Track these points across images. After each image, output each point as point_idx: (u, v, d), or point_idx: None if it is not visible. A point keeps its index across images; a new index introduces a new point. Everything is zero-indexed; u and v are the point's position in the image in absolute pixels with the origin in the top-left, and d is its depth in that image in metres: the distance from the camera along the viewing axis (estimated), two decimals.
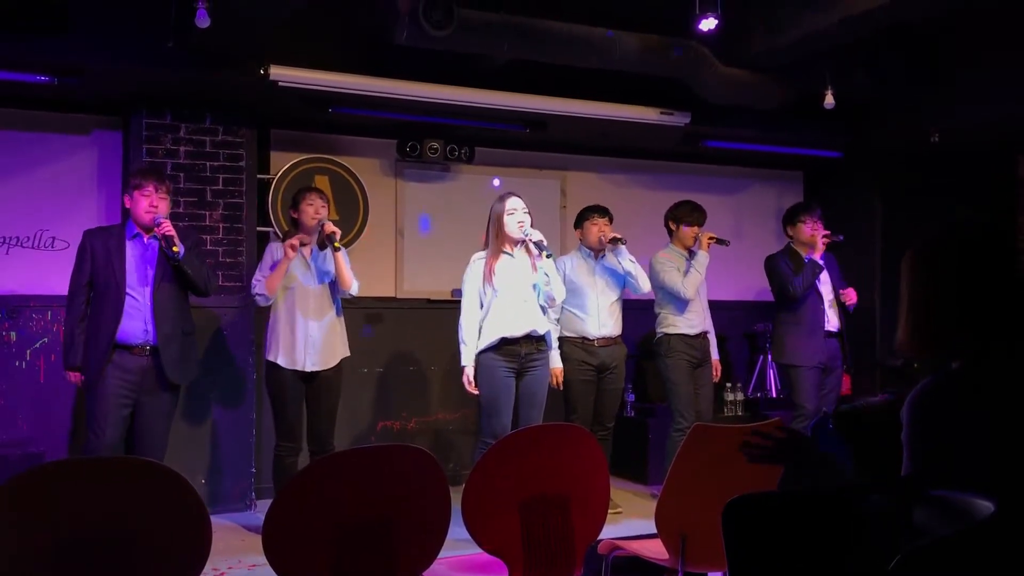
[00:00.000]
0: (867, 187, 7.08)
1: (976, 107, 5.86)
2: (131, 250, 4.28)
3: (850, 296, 5.44)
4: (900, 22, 5.05)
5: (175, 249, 4.20)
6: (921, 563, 1.46)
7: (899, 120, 6.31)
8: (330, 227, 4.62)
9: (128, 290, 4.22)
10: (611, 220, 5.31)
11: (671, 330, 5.36)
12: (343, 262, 4.65)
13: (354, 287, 4.70)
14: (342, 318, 4.82)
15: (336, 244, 4.58)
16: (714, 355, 5.54)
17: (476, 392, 4.59)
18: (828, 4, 4.78)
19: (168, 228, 4.21)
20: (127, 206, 4.34)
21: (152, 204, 4.24)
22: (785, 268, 5.41)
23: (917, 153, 6.69)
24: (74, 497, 2.22)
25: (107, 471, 2.37)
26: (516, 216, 4.58)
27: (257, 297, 4.69)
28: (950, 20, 5.35)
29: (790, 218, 5.61)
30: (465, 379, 4.59)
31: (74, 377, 4.30)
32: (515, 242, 4.61)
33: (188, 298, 4.44)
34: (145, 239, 4.30)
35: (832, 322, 5.43)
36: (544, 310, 4.70)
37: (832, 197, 6.55)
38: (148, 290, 4.25)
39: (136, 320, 4.21)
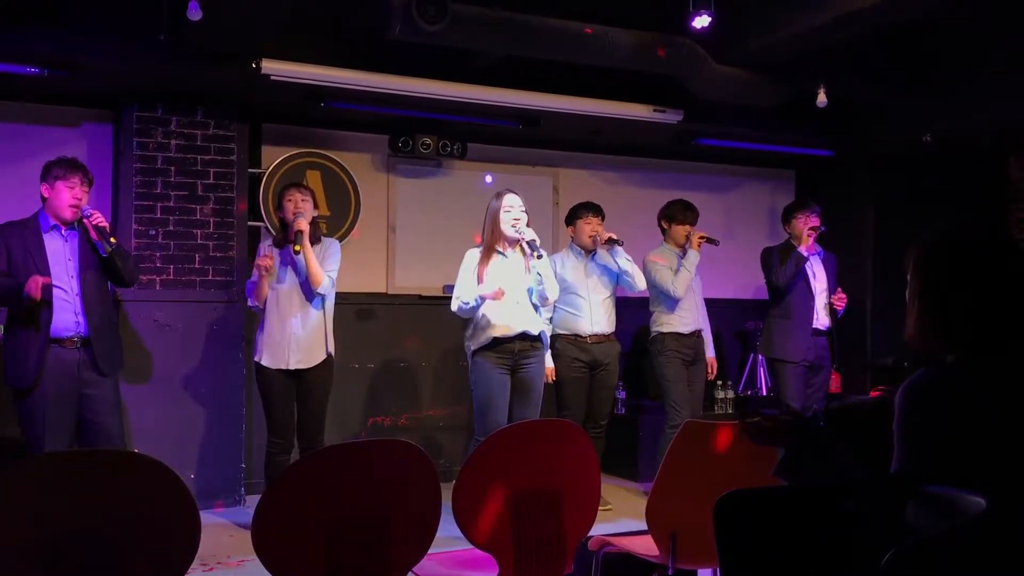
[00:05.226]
0: (859, 186, 7.09)
1: (968, 109, 5.87)
2: (50, 243, 4.15)
3: (840, 301, 5.48)
4: (893, 23, 5.06)
5: (113, 240, 4.13)
6: (914, 559, 1.46)
7: (892, 120, 6.32)
8: (300, 224, 4.53)
9: (55, 283, 4.10)
10: (603, 219, 5.31)
11: (665, 328, 5.38)
12: (312, 258, 4.54)
13: (324, 285, 4.59)
14: (327, 315, 4.73)
15: (296, 248, 4.48)
16: (709, 353, 5.56)
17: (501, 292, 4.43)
18: (821, 3, 4.78)
19: (101, 219, 4.13)
20: (45, 195, 4.17)
21: (76, 196, 4.14)
22: (774, 259, 5.49)
23: (909, 153, 6.71)
24: (61, 491, 2.20)
25: (96, 465, 2.35)
26: (512, 213, 4.56)
27: (250, 306, 4.76)
28: (943, 22, 5.37)
29: (786, 215, 5.68)
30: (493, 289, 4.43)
31: (35, 284, 3.96)
32: (509, 240, 4.59)
33: (109, 289, 4.39)
34: (63, 231, 4.19)
35: (822, 320, 5.47)
36: (538, 310, 4.68)
37: (824, 196, 6.56)
38: (75, 282, 4.15)
39: (67, 313, 4.12)
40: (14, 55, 4.58)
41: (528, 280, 4.58)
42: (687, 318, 5.40)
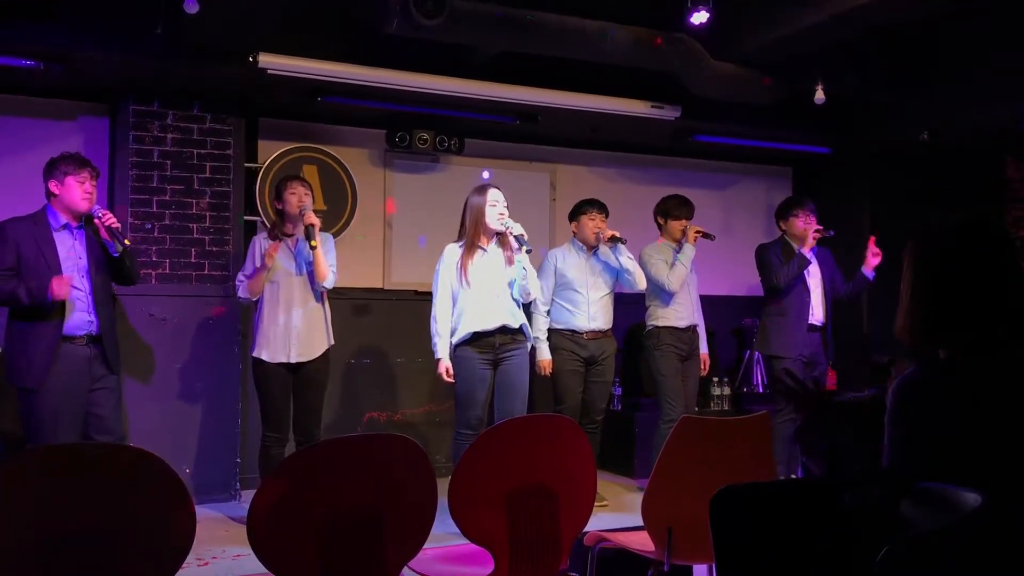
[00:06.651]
0: (856, 184, 7.09)
1: (966, 108, 5.87)
2: (61, 242, 4.12)
3: (876, 256, 5.36)
4: (891, 22, 5.06)
5: (127, 241, 4.16)
6: (910, 558, 1.46)
7: (889, 118, 6.32)
8: (310, 218, 4.55)
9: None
10: (607, 215, 5.31)
11: (660, 323, 5.39)
12: (320, 253, 4.58)
13: (329, 280, 4.65)
14: (326, 307, 4.78)
15: (312, 243, 4.51)
16: (703, 349, 5.57)
17: (452, 381, 4.59)
18: (819, 1, 4.78)
19: (113, 219, 4.13)
20: (54, 191, 4.10)
21: (87, 191, 4.11)
22: (774, 259, 5.46)
23: (907, 151, 6.71)
24: (57, 485, 2.20)
25: (92, 459, 2.35)
26: (497, 208, 4.59)
27: (241, 299, 4.71)
28: (941, 21, 5.36)
29: (783, 212, 5.65)
30: (443, 370, 4.59)
31: (61, 285, 3.95)
32: (492, 235, 4.61)
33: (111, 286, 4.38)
34: (73, 230, 4.17)
35: (817, 316, 5.47)
36: (518, 304, 4.69)
37: (821, 193, 6.58)
38: (86, 281, 4.13)
39: (80, 312, 4.10)
40: (10, 48, 4.56)
41: (509, 274, 4.59)
42: (682, 312, 5.41)
